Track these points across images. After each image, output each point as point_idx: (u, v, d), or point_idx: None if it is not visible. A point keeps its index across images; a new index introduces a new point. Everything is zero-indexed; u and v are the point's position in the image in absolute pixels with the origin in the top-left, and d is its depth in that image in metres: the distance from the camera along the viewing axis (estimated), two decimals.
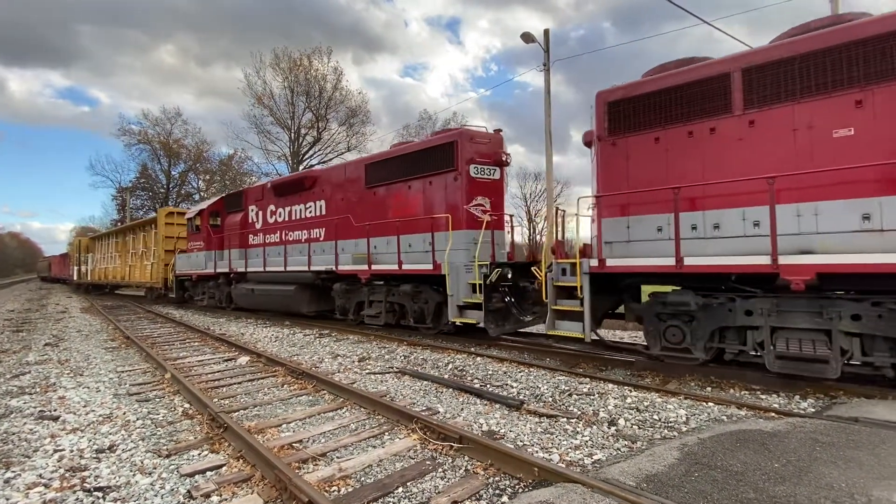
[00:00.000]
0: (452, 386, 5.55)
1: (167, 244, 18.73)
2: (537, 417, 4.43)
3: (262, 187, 13.83)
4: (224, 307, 14.92)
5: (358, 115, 34.65)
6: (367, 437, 4.03)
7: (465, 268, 7.99)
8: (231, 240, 14.16)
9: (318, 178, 11.65)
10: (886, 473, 2.89)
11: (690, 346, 5.56)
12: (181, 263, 16.85)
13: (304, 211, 11.89)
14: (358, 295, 10.07)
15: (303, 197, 11.92)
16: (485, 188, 8.65)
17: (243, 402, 5.25)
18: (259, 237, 13.42)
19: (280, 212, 12.73)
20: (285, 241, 12.29)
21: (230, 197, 15.67)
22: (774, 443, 3.39)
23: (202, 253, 15.26)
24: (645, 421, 4.23)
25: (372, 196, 10.04)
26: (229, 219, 14.87)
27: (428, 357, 7.28)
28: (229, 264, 13.86)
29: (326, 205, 11.13)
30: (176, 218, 19.59)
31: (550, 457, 3.53)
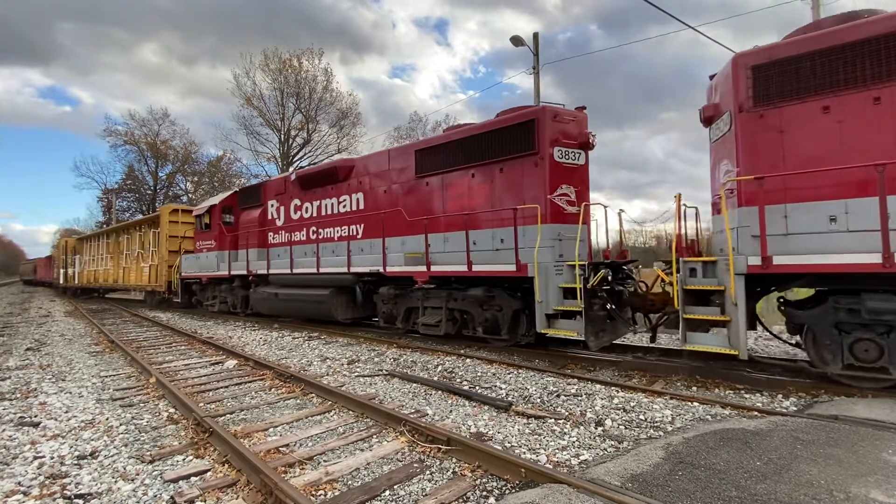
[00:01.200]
0: (441, 388, 5.55)
1: (171, 244, 17.41)
2: (525, 419, 4.44)
3: (283, 180, 12.27)
4: (238, 313, 13.64)
5: (349, 116, 34.56)
6: (355, 441, 4.01)
7: (555, 269, 6.73)
8: (247, 238, 12.66)
9: (354, 168, 10.17)
10: (864, 470, 2.95)
11: (890, 364, 4.49)
12: (187, 265, 15.52)
13: (336, 205, 10.48)
14: (408, 300, 8.81)
15: (335, 190, 10.54)
16: (570, 175, 7.22)
17: (230, 406, 5.19)
18: (281, 235, 12.02)
19: (307, 207, 11.25)
20: (314, 239, 10.86)
21: (245, 191, 14.15)
22: (757, 441, 3.44)
23: (213, 253, 13.96)
24: (631, 421, 4.27)
25: (423, 187, 8.70)
26: (245, 215, 13.37)
27: (417, 359, 7.27)
28: (247, 266, 12.42)
29: (364, 198, 9.81)
30: (181, 216, 18.07)
31: (538, 458, 3.54)
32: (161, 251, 17.43)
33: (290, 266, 10.96)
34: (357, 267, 9.50)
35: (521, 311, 7.22)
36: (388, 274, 8.87)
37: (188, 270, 15.45)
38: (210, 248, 14.19)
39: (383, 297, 9.26)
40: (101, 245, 25.07)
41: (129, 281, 21.10)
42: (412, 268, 8.40)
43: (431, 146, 8.76)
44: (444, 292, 8.10)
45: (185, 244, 16.75)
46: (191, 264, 15.35)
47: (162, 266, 17.39)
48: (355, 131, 35.13)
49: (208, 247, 14.29)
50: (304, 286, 10.66)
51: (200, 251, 14.83)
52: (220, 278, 13.89)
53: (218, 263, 13.67)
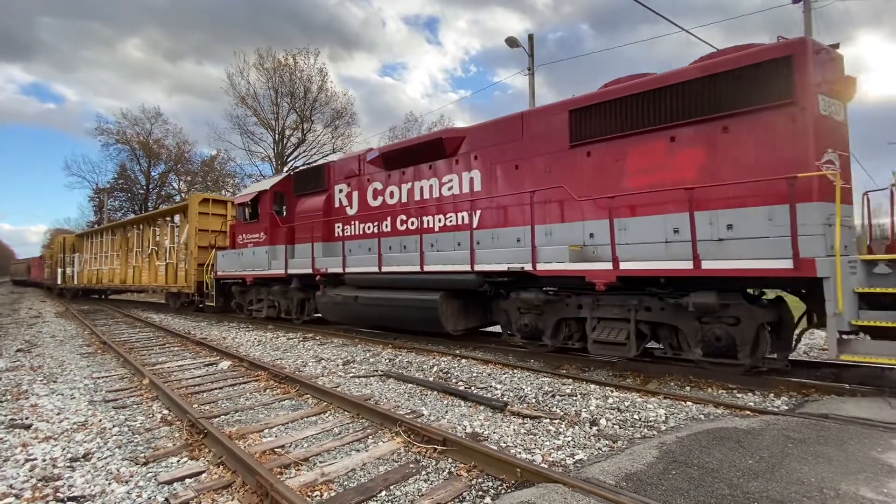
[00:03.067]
0: (437, 388, 5.56)
1: (201, 239, 14.95)
2: (521, 419, 4.46)
3: (357, 159, 10.05)
4: (292, 320, 11.40)
5: (343, 116, 34.49)
6: (351, 441, 4.01)
7: (850, 267, 4.69)
8: (310, 230, 10.27)
9: (465, 141, 8.06)
10: (853, 468, 3.00)
11: None
12: (225, 263, 13.02)
13: (437, 188, 8.41)
14: (561, 309, 6.63)
15: (436, 169, 8.44)
16: (833, 135, 5.22)
17: (224, 407, 5.17)
18: (354, 226, 9.87)
19: (392, 191, 9.16)
20: (405, 230, 8.86)
21: (302, 175, 11.70)
22: (749, 440, 3.49)
23: (262, 248, 11.53)
24: (626, 420, 4.31)
25: (581, 159, 6.55)
26: (302, 203, 11.04)
27: (413, 360, 7.28)
28: (311, 264, 9.97)
29: (482, 177, 7.73)
30: (212, 207, 15.68)
31: (533, 457, 3.57)
32: (190, 247, 14.99)
33: (377, 263, 8.61)
34: (485, 264, 7.13)
35: (764, 325, 5.28)
36: (542, 273, 6.50)
37: (226, 269, 12.97)
38: (258, 241, 11.75)
39: (524, 304, 6.93)
40: (105, 242, 22.69)
41: (141, 281, 18.90)
42: (586, 265, 6.18)
43: (598, 103, 6.46)
44: (634, 299, 5.96)
45: (218, 239, 14.81)
46: (230, 262, 12.86)
47: (191, 264, 14.88)
48: (350, 131, 35.09)
49: (255, 241, 11.85)
50: (399, 288, 8.39)
51: (244, 246, 12.28)
52: (271, 278, 11.47)
53: (269, 260, 11.31)
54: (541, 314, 6.90)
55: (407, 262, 8.31)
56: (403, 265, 8.34)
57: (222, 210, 15.94)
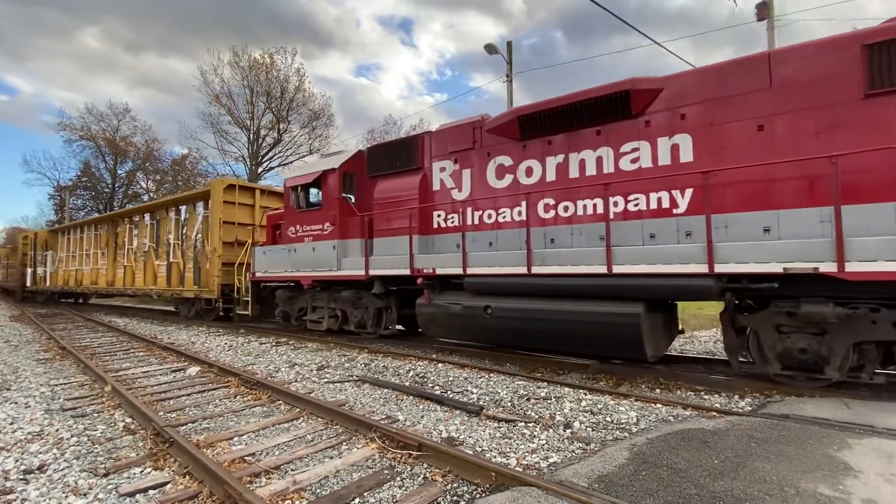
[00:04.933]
0: (413, 393, 5.53)
1: (226, 233, 12.67)
2: (496, 423, 4.48)
3: (468, 127, 7.68)
4: (368, 334, 9.09)
5: (321, 117, 34.09)
6: (324, 448, 3.94)
7: None
8: (391, 220, 8.31)
9: (661, 94, 5.91)
10: (812, 466, 3.13)
11: None
12: (265, 262, 10.50)
13: (610, 159, 6.22)
14: (863, 329, 4.72)
15: (616, 132, 6.20)
16: None
17: (192, 415, 5.00)
18: (464, 215, 7.51)
19: (530, 166, 6.94)
20: (555, 218, 6.62)
21: (380, 151, 9.05)
22: (715, 440, 3.60)
23: (328, 243, 9.06)
24: (598, 423, 4.38)
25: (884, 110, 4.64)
26: (381, 187, 8.69)
27: (389, 364, 7.22)
28: (410, 262, 7.76)
29: (695, 141, 5.64)
30: (238, 195, 13.20)
31: (508, 461, 3.58)
32: (213, 243, 12.50)
33: (525, 263, 6.44)
34: (735, 263, 5.00)
35: None
36: (855, 276, 4.41)
37: (269, 269, 10.41)
38: (320, 234, 9.29)
39: (798, 320, 4.98)
40: (86, 238, 19.76)
41: (135, 284, 16.33)
42: None
43: None
44: None
45: (241, 233, 12.82)
46: (275, 260, 10.24)
47: (214, 264, 12.43)
48: (328, 132, 34.71)
49: (316, 233, 9.37)
50: (560, 297, 6.25)
51: (297, 239, 9.73)
52: (340, 281, 9.06)
53: (337, 258, 8.89)
54: (822, 334, 4.90)
55: (574, 261, 6.06)
56: (567, 265, 6.12)
57: (249, 199, 13.59)
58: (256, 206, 13.64)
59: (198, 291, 13.19)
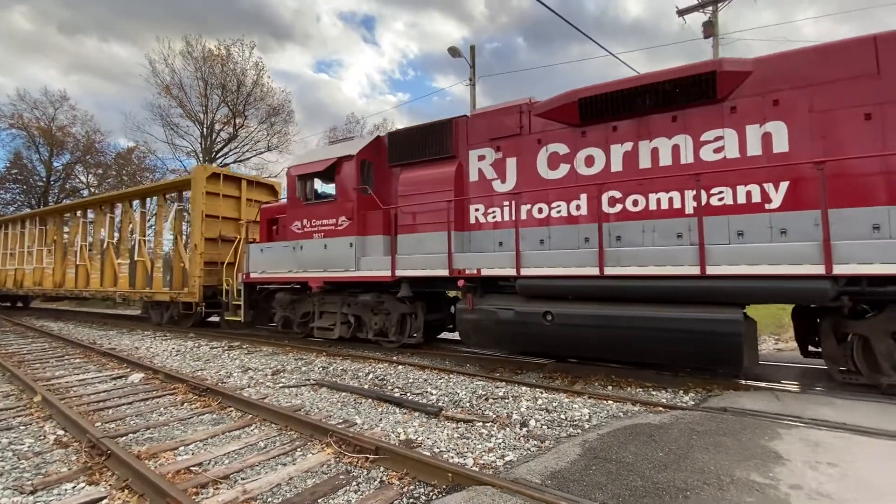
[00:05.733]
0: (372, 396, 5.46)
1: (209, 228, 11.43)
2: (455, 423, 4.51)
3: (513, 111, 6.95)
4: (388, 343, 8.16)
5: (280, 113, 33.08)
6: (277, 455, 3.82)
7: None
8: (420, 215, 7.47)
9: (750, 77, 5.41)
10: (746, 455, 3.35)
11: None
12: (263, 261, 9.31)
13: (689, 148, 5.68)
14: None
15: (697, 118, 5.68)
16: None
17: (133, 424, 4.71)
18: (509, 209, 6.80)
19: (591, 155, 6.30)
20: (622, 213, 5.99)
21: (404, 137, 8.05)
22: (660, 434, 3.78)
23: (343, 240, 8.06)
24: (553, 421, 4.50)
25: None
26: (405, 177, 7.85)
27: (348, 367, 7.10)
28: (448, 261, 6.90)
29: (791, 129, 5.19)
30: (224, 186, 11.81)
31: (465, 461, 3.61)
32: (194, 238, 11.38)
33: (595, 263, 5.76)
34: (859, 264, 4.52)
35: None
36: None
37: (267, 269, 9.20)
38: (334, 230, 8.25)
39: None
40: (27, 234, 17.73)
41: (90, 285, 14.50)
42: None
43: None
44: None
45: (225, 228, 11.61)
46: (275, 259, 9.07)
47: (194, 263, 11.18)
48: (287, 129, 33.73)
49: (328, 228, 8.33)
50: (638, 301, 5.62)
51: (305, 235, 8.58)
52: (359, 282, 8.02)
53: (355, 257, 7.90)
54: None
55: (658, 261, 5.43)
56: (650, 265, 5.47)
57: (235, 190, 12.29)
58: (243, 199, 12.40)
59: (175, 294, 11.71)
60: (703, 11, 16.41)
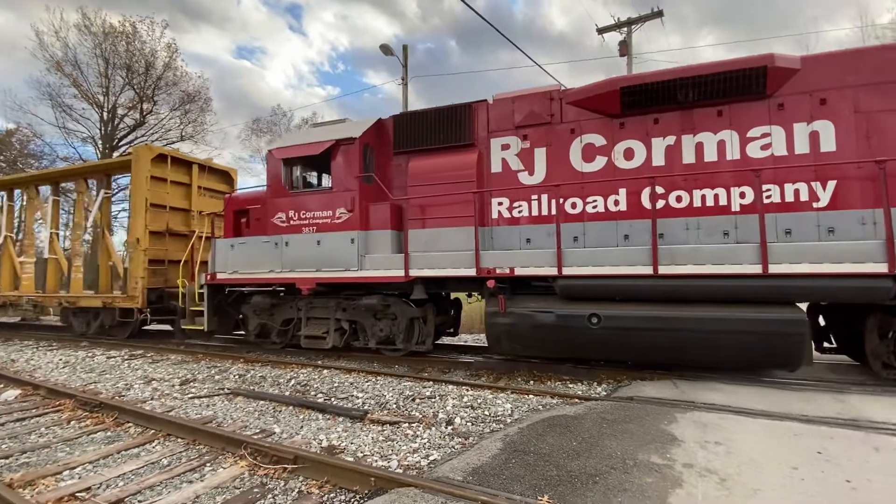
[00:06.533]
0: (293, 403, 5.22)
1: (154, 220, 9.83)
2: (380, 426, 4.44)
3: (547, 97, 6.48)
4: (395, 351, 7.33)
5: (196, 101, 30.51)
6: (183, 472, 3.51)
7: None
8: (437, 208, 6.72)
9: (797, 74, 5.40)
10: (647, 439, 3.66)
11: None
12: (233, 259, 7.93)
13: (735, 144, 5.57)
14: None
15: (743, 114, 5.58)
16: None
17: (5, 449, 4.08)
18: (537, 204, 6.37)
19: (630, 148, 6.02)
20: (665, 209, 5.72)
21: (414, 121, 7.30)
22: (575, 425, 4.02)
23: (343, 235, 7.06)
24: (477, 417, 4.60)
25: None
26: (419, 164, 7.06)
27: (267, 374, 6.72)
28: (475, 259, 6.30)
29: (838, 129, 5.24)
30: (172, 170, 10.25)
31: (389, 464, 3.57)
32: (136, 231, 9.64)
33: (650, 261, 5.47)
34: None
35: None
36: None
37: (242, 269, 7.84)
38: (329, 223, 7.20)
39: None
40: None
41: None
42: None
43: None
44: None
45: (174, 220, 10.22)
46: (252, 257, 7.75)
47: (137, 261, 9.47)
48: (204, 118, 31.22)
49: (322, 222, 7.26)
50: (692, 301, 5.41)
51: (292, 229, 7.44)
52: (359, 283, 7.11)
53: (357, 255, 6.97)
54: None
55: (716, 260, 5.26)
56: (707, 264, 5.29)
57: (185, 176, 10.68)
58: (194, 187, 10.86)
59: (109, 299, 9.77)
60: (619, 31, 17.82)
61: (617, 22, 17.78)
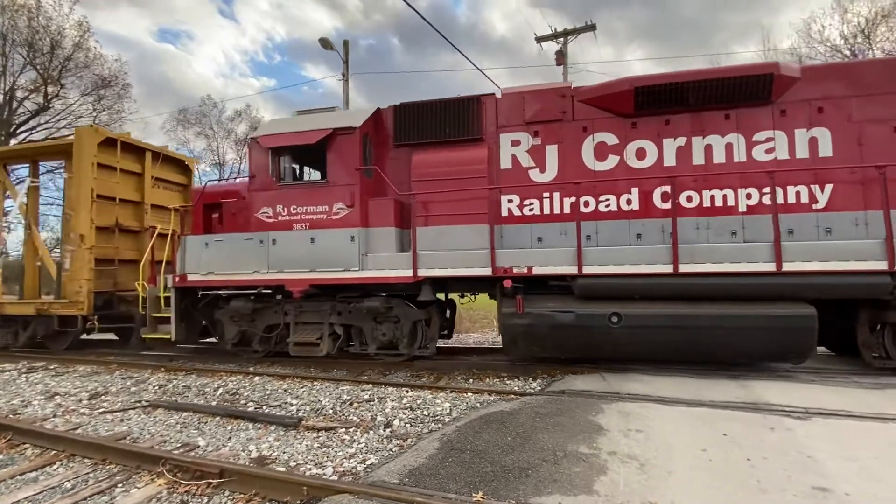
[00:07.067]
0: (220, 413, 4.91)
1: (102, 214, 8.73)
2: (315, 432, 4.30)
3: (558, 93, 6.47)
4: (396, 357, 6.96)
5: (112, 86, 27.75)
6: (90, 496, 3.18)
7: None
8: (450, 205, 6.40)
9: (798, 83, 5.73)
10: (577, 431, 3.86)
11: None
12: (207, 258, 7.16)
13: (741, 147, 5.82)
14: None
15: (749, 118, 5.84)
16: None
17: None
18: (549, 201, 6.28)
19: (642, 147, 6.10)
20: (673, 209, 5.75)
21: (416, 112, 6.94)
22: (510, 420, 4.14)
23: (342, 232, 6.57)
24: (416, 418, 4.59)
25: None
26: (424, 158, 6.74)
27: (192, 383, 6.27)
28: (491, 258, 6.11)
29: (834, 136, 5.60)
30: (122, 158, 9.19)
31: (324, 471, 3.47)
32: (80, 227, 8.45)
33: (670, 259, 5.58)
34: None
35: None
36: None
37: (219, 270, 7.08)
38: (325, 219, 6.67)
39: None
40: None
41: None
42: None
43: None
44: None
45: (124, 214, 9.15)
46: (231, 256, 7.02)
47: (80, 260, 8.37)
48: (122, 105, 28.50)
49: (317, 218, 6.71)
50: (708, 299, 5.58)
51: (283, 226, 6.81)
52: (363, 285, 6.69)
53: (358, 254, 6.53)
54: None
55: (732, 258, 5.44)
56: (724, 262, 5.47)
57: (136, 164, 9.54)
58: (146, 177, 9.73)
59: (44, 305, 8.49)
60: (556, 41, 18.62)
61: (554, 32, 18.58)
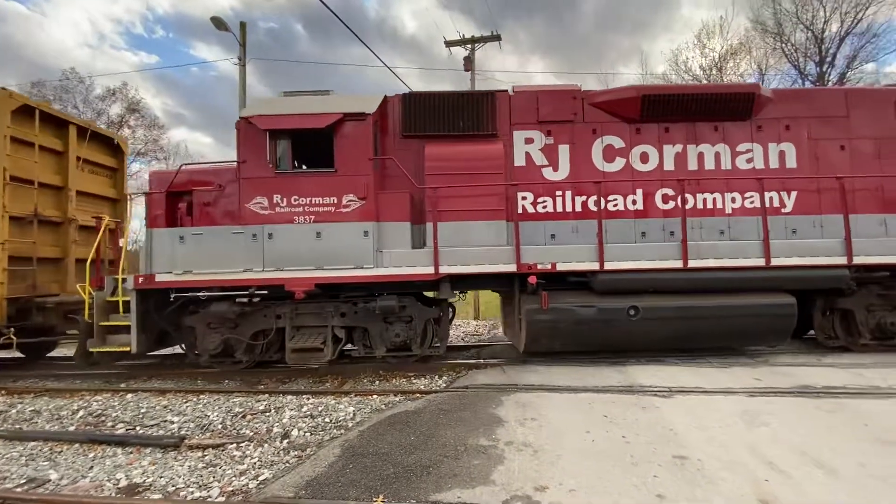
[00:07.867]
0: (79, 440, 4.22)
1: (17, 201, 7.07)
2: (201, 451, 3.90)
3: (570, 95, 6.73)
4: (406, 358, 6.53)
5: None
6: None
7: None
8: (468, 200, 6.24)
9: (770, 104, 6.67)
10: (478, 424, 3.99)
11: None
12: (184, 255, 6.08)
13: (727, 157, 6.61)
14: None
15: (732, 132, 6.63)
16: None
17: None
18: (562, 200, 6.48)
19: (645, 152, 6.61)
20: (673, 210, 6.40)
21: (429, 103, 6.63)
22: (415, 419, 4.15)
23: (352, 226, 6.05)
24: (318, 426, 4.39)
25: None
26: (437, 151, 6.43)
27: (43, 407, 5.31)
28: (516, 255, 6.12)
29: (797, 151, 6.60)
30: (41, 131, 7.47)
31: (210, 493, 3.15)
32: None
33: (681, 255, 6.18)
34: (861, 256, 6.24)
35: None
36: None
37: (198, 268, 6.08)
38: (333, 212, 6.08)
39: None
40: None
41: None
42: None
43: None
44: None
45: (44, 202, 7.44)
46: (215, 252, 6.09)
47: None
48: None
49: (323, 210, 6.09)
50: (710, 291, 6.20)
51: (282, 219, 6.09)
52: (377, 283, 6.18)
53: (372, 250, 6.08)
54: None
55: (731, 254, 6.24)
56: (725, 258, 6.23)
57: (58, 142, 7.84)
58: (71, 156, 7.99)
59: None
60: (464, 48, 19.13)
61: (462, 38, 19.08)
